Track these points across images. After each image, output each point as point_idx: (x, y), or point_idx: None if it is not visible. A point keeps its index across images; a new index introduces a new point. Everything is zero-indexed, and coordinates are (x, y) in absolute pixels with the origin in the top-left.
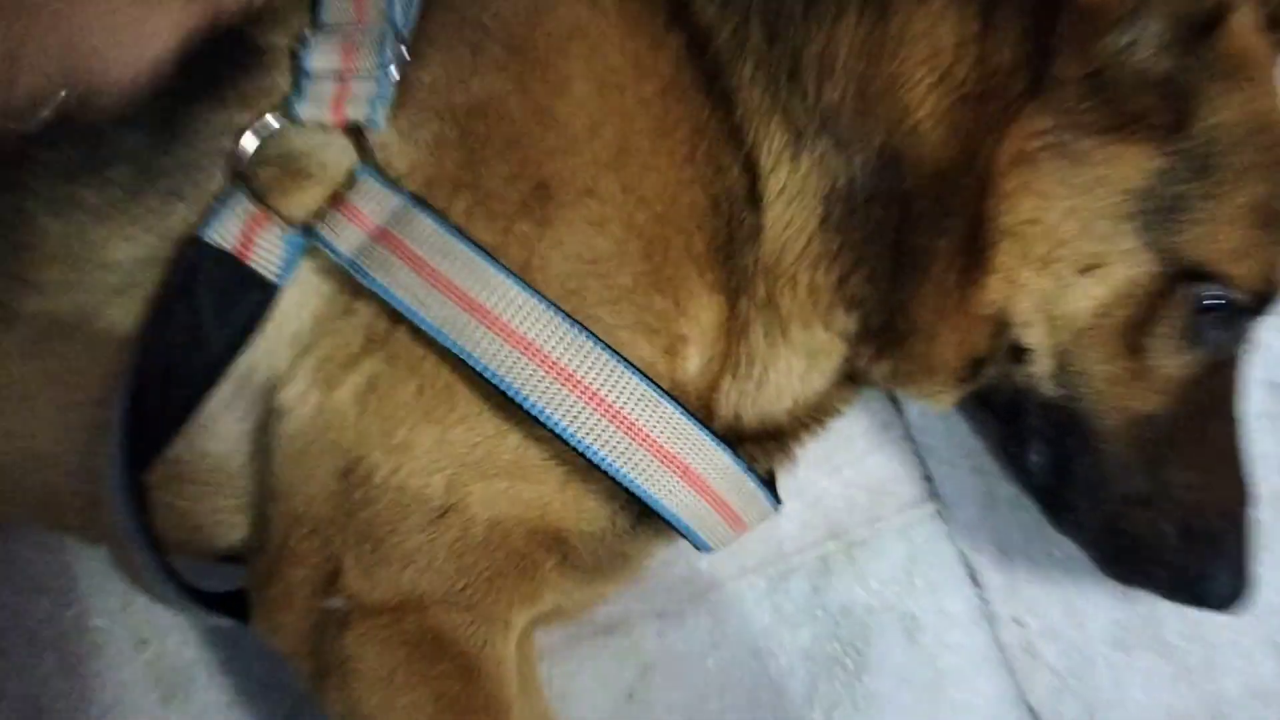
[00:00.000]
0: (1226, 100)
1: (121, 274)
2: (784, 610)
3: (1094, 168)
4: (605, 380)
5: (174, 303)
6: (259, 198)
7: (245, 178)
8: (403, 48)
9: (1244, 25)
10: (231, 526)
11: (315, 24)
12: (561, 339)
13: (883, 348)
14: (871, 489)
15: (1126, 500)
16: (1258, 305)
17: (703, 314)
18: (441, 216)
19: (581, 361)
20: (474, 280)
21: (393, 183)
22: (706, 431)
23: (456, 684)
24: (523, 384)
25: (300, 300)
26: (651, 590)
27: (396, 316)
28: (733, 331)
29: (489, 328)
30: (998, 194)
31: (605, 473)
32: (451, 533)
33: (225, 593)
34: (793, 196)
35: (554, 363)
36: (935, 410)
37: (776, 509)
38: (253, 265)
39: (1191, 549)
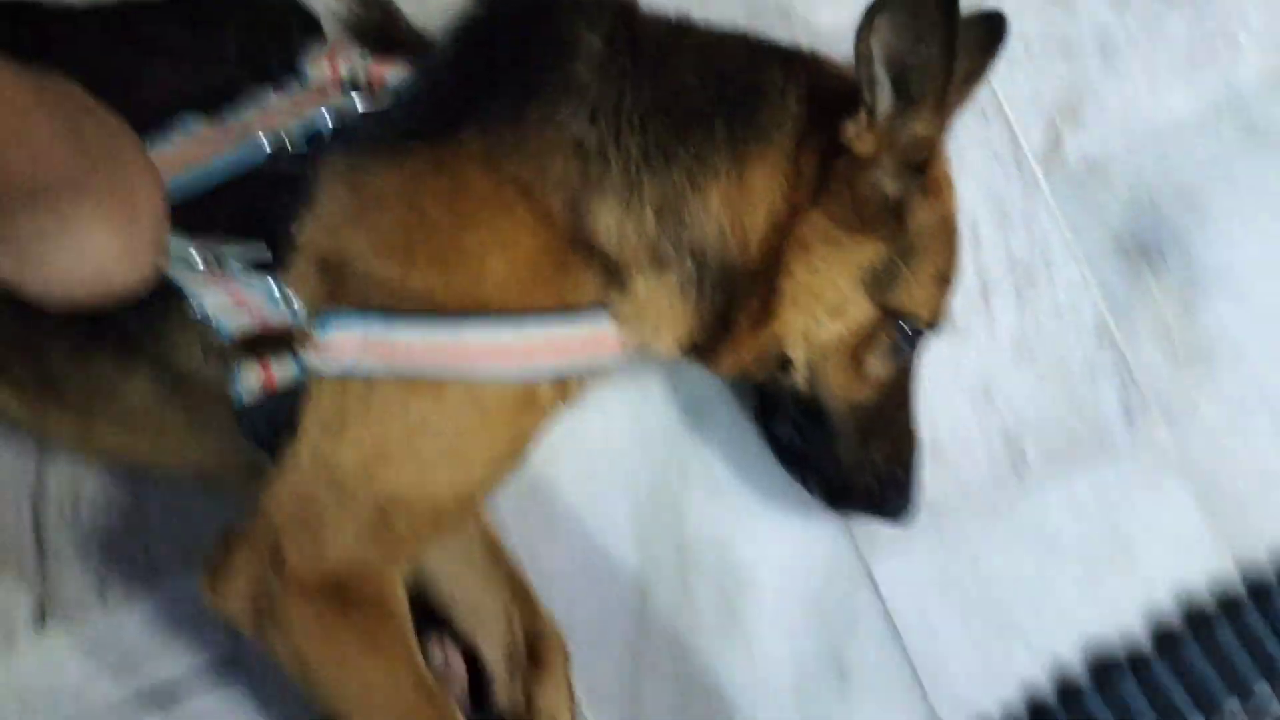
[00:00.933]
0: (927, 209)
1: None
2: None
3: (845, 251)
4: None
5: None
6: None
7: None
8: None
9: (939, 159)
10: None
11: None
12: (564, 334)
13: (705, 350)
14: None
15: (846, 462)
16: (931, 328)
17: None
18: (416, 315)
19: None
20: (465, 341)
21: (351, 314)
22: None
23: (373, 621)
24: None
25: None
26: None
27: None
28: None
29: (463, 358)
30: (784, 269)
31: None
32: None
33: None
34: (653, 291)
35: (496, 349)
36: (718, 377)
37: None
38: (279, 388)
39: (886, 490)
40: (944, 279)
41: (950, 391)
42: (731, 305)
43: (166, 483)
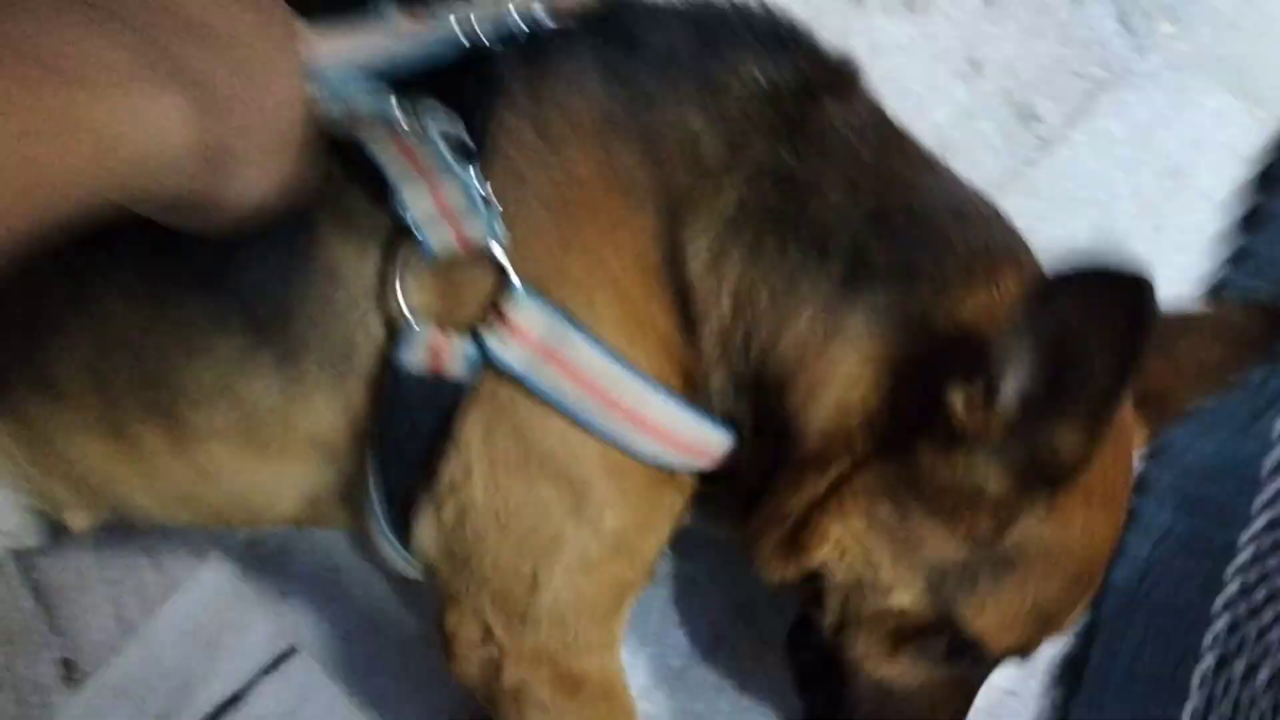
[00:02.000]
0: (1041, 528)
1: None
2: None
3: (914, 529)
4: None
5: (391, 414)
6: (431, 322)
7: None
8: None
9: (1106, 466)
10: None
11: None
12: (689, 426)
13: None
14: None
15: None
16: (1009, 657)
17: None
18: (588, 332)
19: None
20: (623, 390)
21: (542, 298)
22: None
23: (596, 704)
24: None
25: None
26: None
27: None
28: None
29: (638, 427)
30: (837, 506)
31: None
32: (547, 604)
33: None
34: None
35: (661, 429)
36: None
37: None
38: (446, 376)
39: None
40: (1041, 616)
41: (938, 78)
42: (777, 484)
43: None
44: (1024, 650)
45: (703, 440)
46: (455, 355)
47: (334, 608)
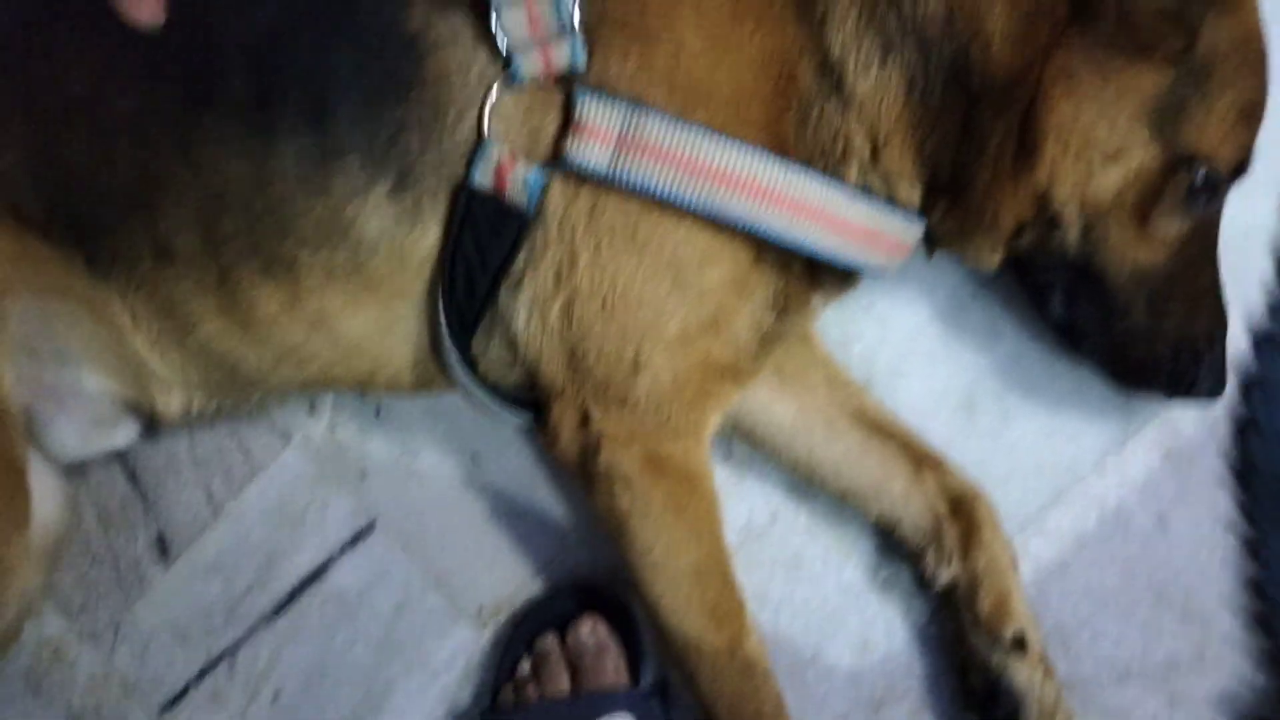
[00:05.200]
0: (1220, 25)
1: (385, 228)
2: None
3: (1119, 81)
4: (783, 183)
5: (461, 233)
6: (505, 145)
7: (489, 132)
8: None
9: None
10: (515, 375)
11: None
12: (768, 169)
13: (952, 205)
14: None
15: (1131, 333)
16: (1235, 176)
17: None
18: (659, 110)
19: (769, 177)
20: (700, 149)
21: (612, 96)
22: (842, 189)
23: (678, 485)
24: (740, 210)
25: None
26: None
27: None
28: None
29: (719, 182)
30: (1046, 99)
31: (788, 244)
32: (645, 386)
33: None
34: (882, 89)
35: (753, 185)
36: (984, 270)
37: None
38: (509, 200)
39: (1180, 364)
40: (1248, 112)
41: None
42: (978, 122)
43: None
44: (1244, 159)
45: (806, 193)
46: (518, 180)
47: (410, 487)
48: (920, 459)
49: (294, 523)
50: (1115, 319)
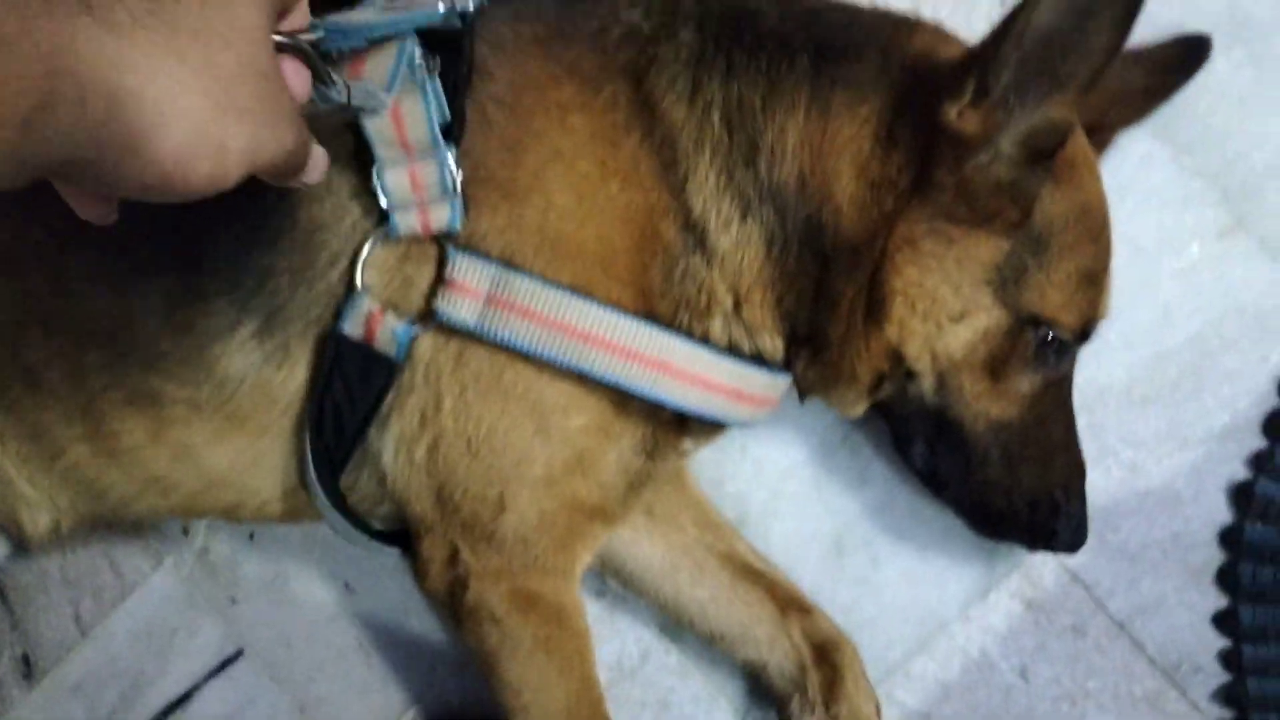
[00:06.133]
0: (1057, 197)
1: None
2: None
3: (960, 248)
4: (646, 343)
5: (330, 376)
6: (375, 298)
7: (361, 284)
8: (452, 162)
9: (1077, 138)
10: (385, 509)
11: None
12: (632, 330)
13: (813, 358)
14: None
15: (989, 484)
16: (1081, 338)
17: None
18: (528, 271)
19: (632, 338)
20: (566, 310)
21: (484, 255)
22: (705, 348)
23: (548, 623)
24: (603, 368)
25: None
26: None
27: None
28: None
29: (583, 340)
30: (891, 264)
31: (652, 400)
32: (511, 525)
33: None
34: (742, 246)
35: (616, 345)
36: (849, 417)
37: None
38: (378, 349)
39: (1039, 516)
40: (1088, 279)
41: None
42: (831, 279)
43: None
44: (1088, 322)
45: (670, 353)
46: (387, 331)
47: (280, 614)
48: (787, 604)
49: (162, 647)
50: (974, 469)
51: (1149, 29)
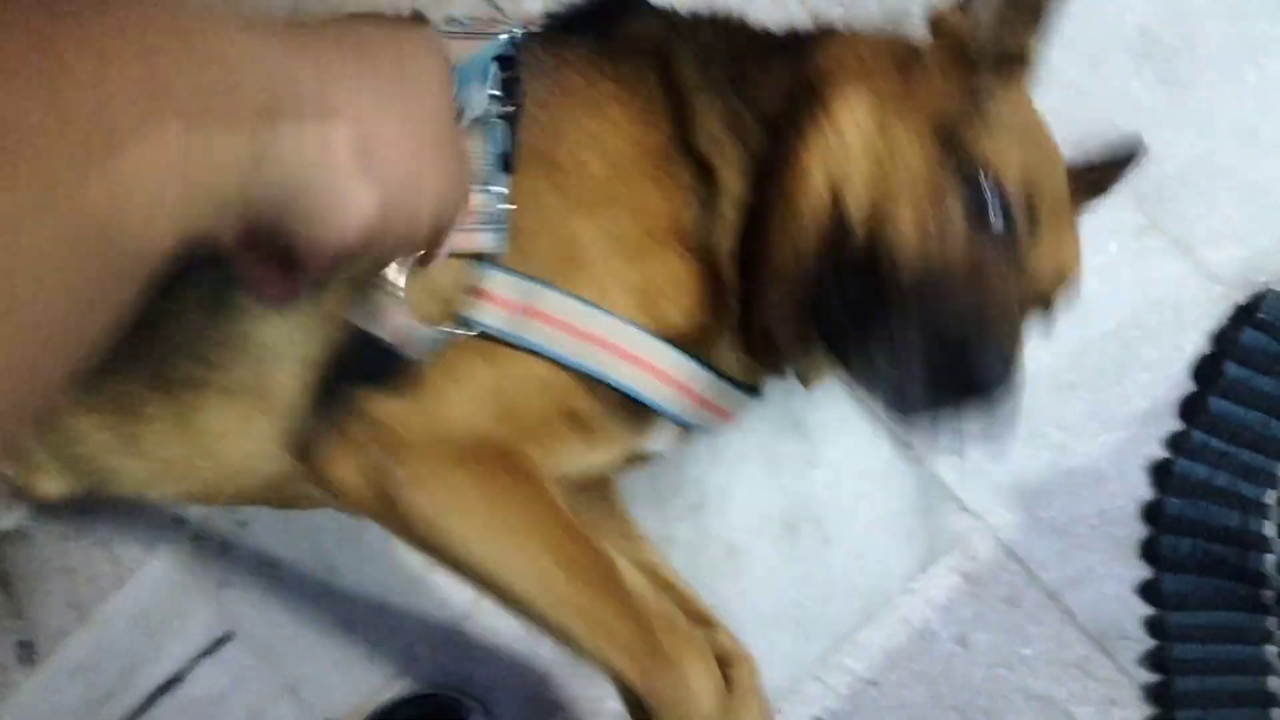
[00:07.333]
0: (1009, 104)
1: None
2: None
3: (910, 86)
4: (635, 343)
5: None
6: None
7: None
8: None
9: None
10: None
11: None
12: (630, 337)
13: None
14: None
15: (915, 332)
16: (1014, 208)
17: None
18: (552, 285)
19: (622, 336)
20: (590, 322)
21: (516, 272)
22: (681, 353)
23: (511, 483)
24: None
25: None
26: None
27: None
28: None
29: (599, 347)
30: (834, 88)
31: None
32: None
33: None
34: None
35: (617, 348)
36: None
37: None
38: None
39: (966, 369)
40: (1030, 168)
41: None
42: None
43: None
44: (1031, 201)
45: (667, 363)
46: (419, 339)
47: (270, 598)
48: (693, 617)
49: (157, 630)
50: (894, 317)
51: (1068, 52)
